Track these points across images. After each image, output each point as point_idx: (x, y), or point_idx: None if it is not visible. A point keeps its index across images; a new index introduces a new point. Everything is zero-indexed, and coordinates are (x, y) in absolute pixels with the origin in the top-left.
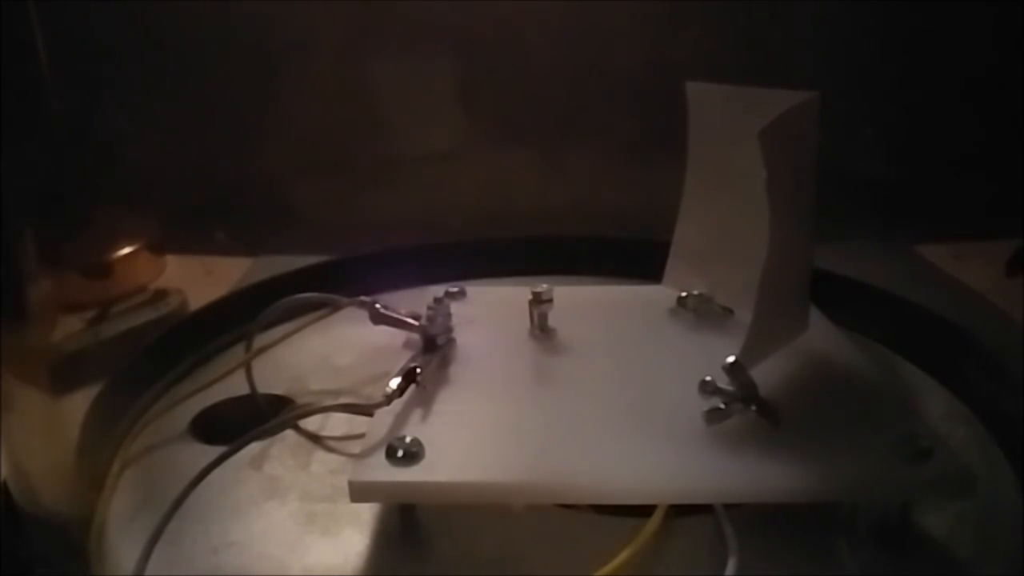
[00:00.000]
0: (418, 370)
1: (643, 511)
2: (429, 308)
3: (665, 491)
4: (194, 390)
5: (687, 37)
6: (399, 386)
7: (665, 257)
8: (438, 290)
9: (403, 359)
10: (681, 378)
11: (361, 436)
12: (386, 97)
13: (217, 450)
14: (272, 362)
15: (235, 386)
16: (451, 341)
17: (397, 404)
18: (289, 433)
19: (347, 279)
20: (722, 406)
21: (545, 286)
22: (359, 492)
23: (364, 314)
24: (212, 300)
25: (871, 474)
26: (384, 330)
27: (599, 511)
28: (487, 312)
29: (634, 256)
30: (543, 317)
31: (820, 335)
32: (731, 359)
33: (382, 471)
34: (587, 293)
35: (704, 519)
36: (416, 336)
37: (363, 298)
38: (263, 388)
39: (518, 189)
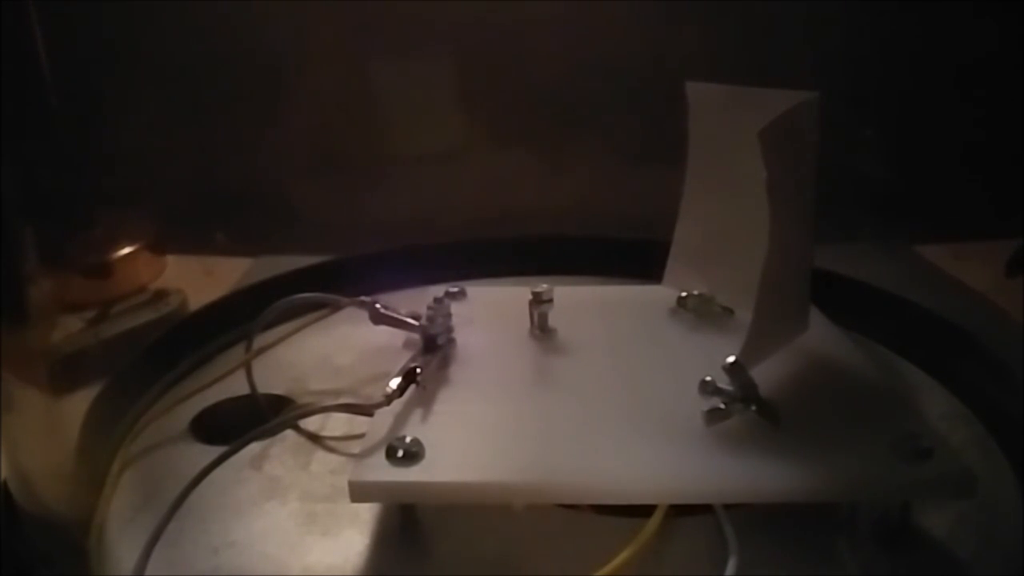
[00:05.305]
0: (418, 370)
1: (643, 511)
2: (429, 308)
3: (665, 491)
4: (194, 390)
5: (687, 37)
6: (399, 386)
7: (665, 257)
8: (438, 290)
9: (403, 359)
10: (681, 378)
11: (361, 436)
12: (386, 97)
13: (217, 450)
14: (272, 362)
15: (235, 386)
16: (451, 341)
17: (397, 404)
18: (289, 433)
19: (347, 279)
20: (722, 406)
21: (545, 286)
22: (359, 492)
23: (364, 314)
24: (212, 300)
25: (871, 474)
26: (384, 330)
27: (599, 511)
28: (487, 312)
29: (634, 256)
30: (543, 317)
31: (820, 335)
32: (731, 359)
33: (382, 471)
34: (587, 293)
35: (704, 519)
36: (416, 336)
37: (363, 298)
38: (263, 388)
39: (518, 189)
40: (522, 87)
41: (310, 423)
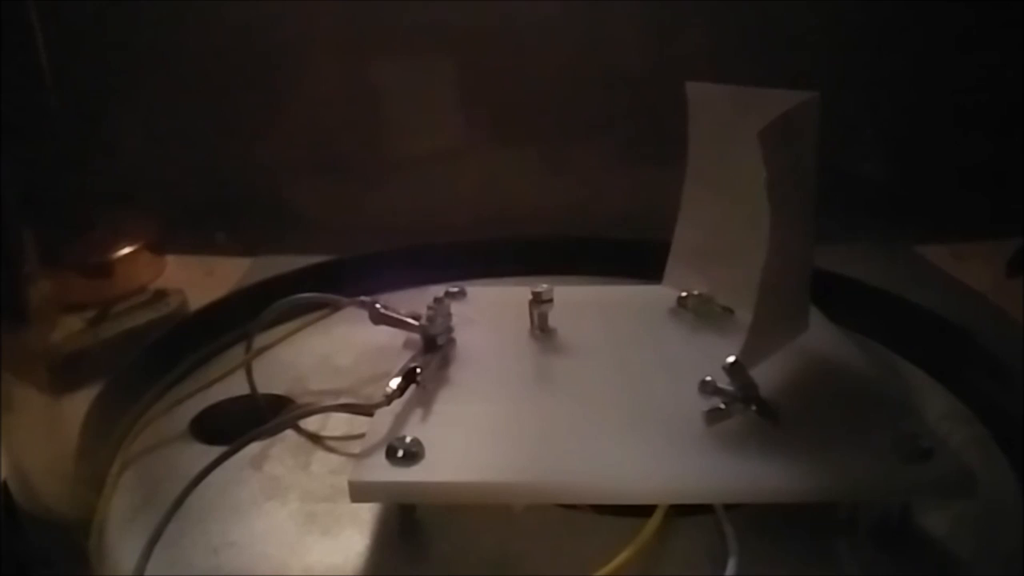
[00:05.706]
0: (418, 370)
1: (643, 511)
2: (429, 308)
3: (665, 491)
4: (194, 390)
5: (687, 37)
6: (399, 386)
7: (665, 257)
8: (438, 290)
9: (403, 359)
10: (681, 378)
11: (361, 436)
12: (386, 97)
13: (217, 450)
14: (272, 362)
15: (235, 386)
16: (451, 341)
17: (397, 404)
18: (289, 433)
19: (347, 279)
20: (722, 406)
21: (545, 286)
22: (359, 492)
23: (364, 314)
24: (212, 300)
25: (871, 474)
26: (384, 330)
27: (599, 511)
28: (487, 312)
29: (634, 256)
30: (543, 317)
31: (820, 335)
32: (731, 359)
33: (382, 471)
34: (587, 293)
35: (704, 519)
36: (416, 336)
37: (363, 298)
38: (263, 388)
39: (518, 189)
40: (522, 87)
41: (310, 423)
